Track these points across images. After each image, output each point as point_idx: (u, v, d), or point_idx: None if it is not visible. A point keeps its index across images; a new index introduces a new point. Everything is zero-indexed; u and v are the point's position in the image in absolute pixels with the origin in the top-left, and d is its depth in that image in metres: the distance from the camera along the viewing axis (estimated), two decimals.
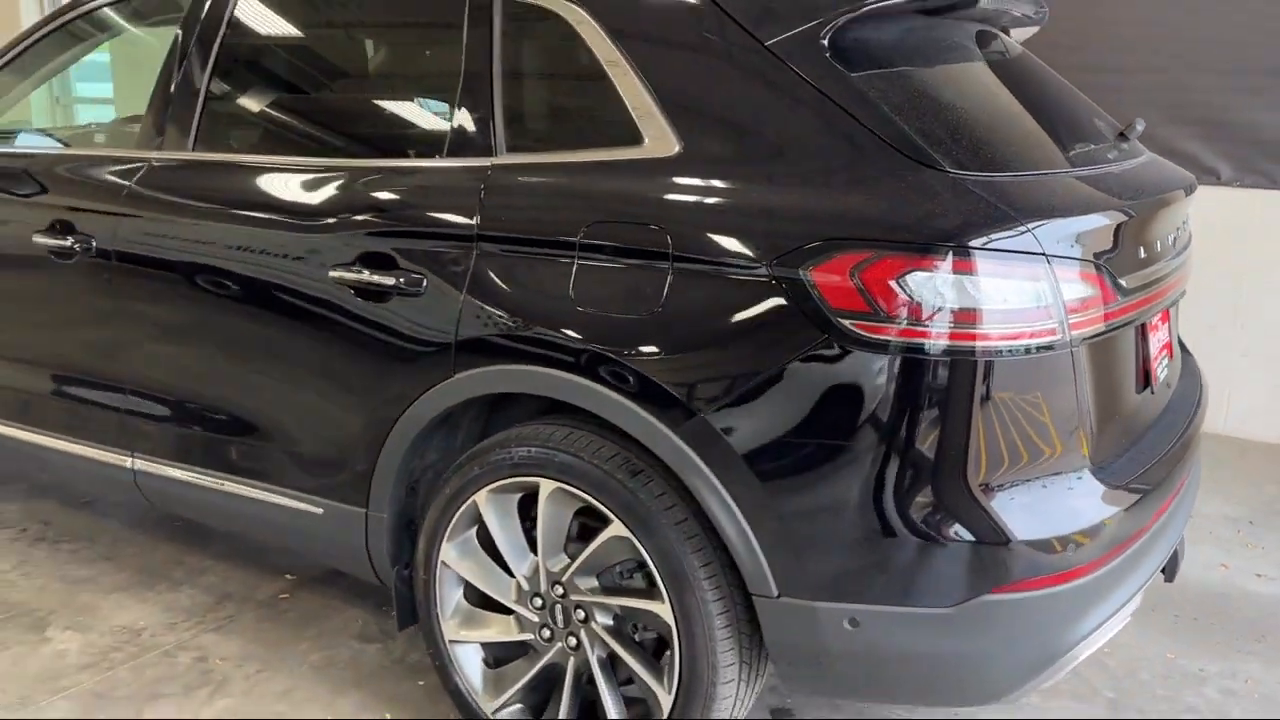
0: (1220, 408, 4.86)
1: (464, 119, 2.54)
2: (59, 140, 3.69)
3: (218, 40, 2.96)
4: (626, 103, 2.35)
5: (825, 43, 2.23)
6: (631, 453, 2.30)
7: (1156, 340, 2.62)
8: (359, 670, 3.03)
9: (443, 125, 2.60)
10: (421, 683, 2.97)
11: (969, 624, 2.09)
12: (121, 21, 3.46)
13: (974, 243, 2.02)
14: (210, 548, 3.75)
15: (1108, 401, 2.30)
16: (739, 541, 2.16)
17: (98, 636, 3.17)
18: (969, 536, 2.07)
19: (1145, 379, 2.54)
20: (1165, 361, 2.73)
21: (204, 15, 3.00)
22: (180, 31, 3.04)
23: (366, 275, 2.54)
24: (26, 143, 3.56)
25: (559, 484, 2.36)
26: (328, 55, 3.11)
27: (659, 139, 2.29)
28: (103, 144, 3.64)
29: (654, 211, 2.23)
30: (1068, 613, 2.16)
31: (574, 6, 2.46)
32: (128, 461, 3.15)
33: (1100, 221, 2.23)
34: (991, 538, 2.07)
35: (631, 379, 2.21)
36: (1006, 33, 2.90)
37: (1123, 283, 2.25)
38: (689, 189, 2.23)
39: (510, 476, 2.43)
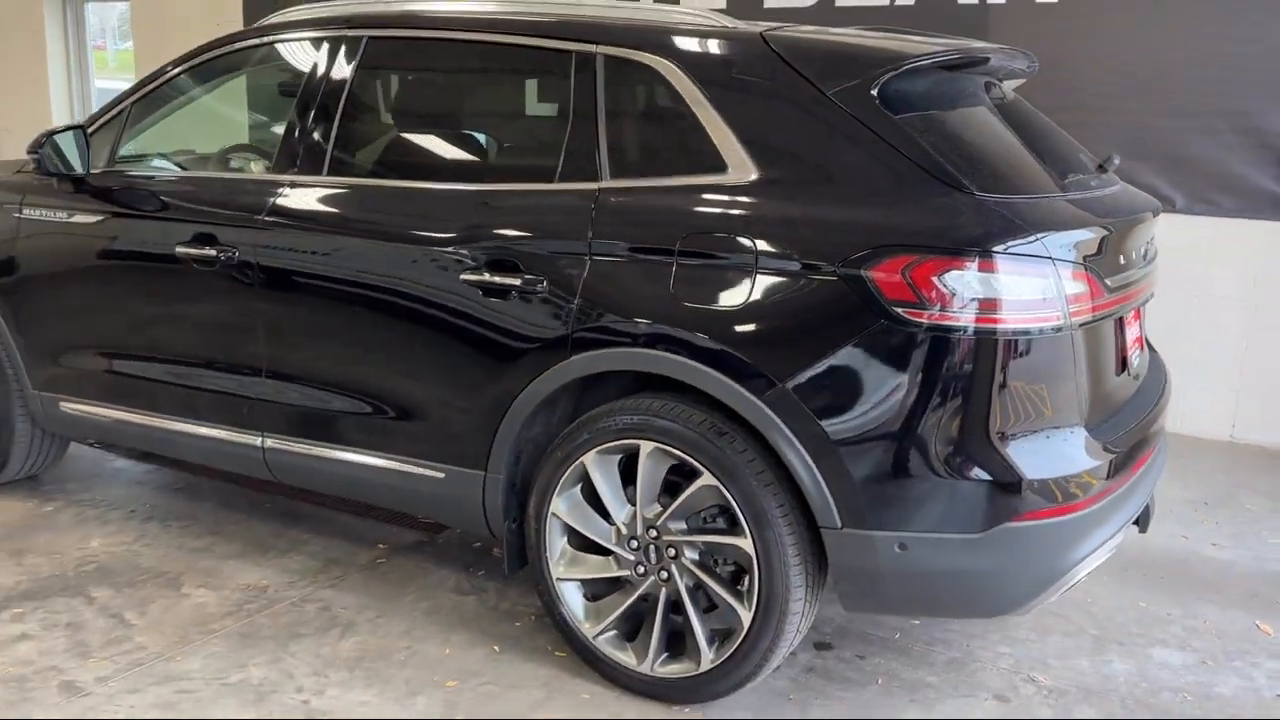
0: (1176, 409, 5.48)
1: (574, 151, 3.11)
2: (176, 164, 4.19)
3: (349, 80, 3.51)
4: (711, 138, 2.93)
5: (875, 92, 2.83)
6: (717, 418, 2.86)
7: (1131, 333, 3.22)
8: (462, 615, 3.56)
9: (554, 156, 3.15)
10: (518, 624, 3.50)
11: (994, 546, 2.67)
12: (241, 67, 3.99)
13: (996, 248, 2.62)
14: (303, 524, 4.26)
15: (1095, 377, 2.90)
16: (811, 484, 2.73)
17: (229, 592, 3.68)
18: (991, 476, 2.65)
19: (1122, 364, 3.15)
20: (1137, 352, 3.33)
21: (338, 57, 3.54)
22: (313, 70, 3.59)
23: (494, 278, 3.09)
24: (150, 168, 4.07)
25: (658, 445, 2.92)
26: (453, 96, 3.67)
27: (740, 167, 2.88)
28: (227, 169, 4.13)
29: (740, 225, 2.82)
30: (1068, 539, 2.75)
31: (664, 60, 3.05)
32: (258, 440, 3.67)
33: (1090, 234, 2.83)
34: (1007, 477, 2.66)
35: (724, 358, 2.78)
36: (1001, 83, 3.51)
37: (1107, 282, 2.85)
38: (768, 207, 2.81)
39: (615, 440, 2.99)
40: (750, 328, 2.77)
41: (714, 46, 3.05)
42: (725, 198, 2.87)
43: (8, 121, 10.08)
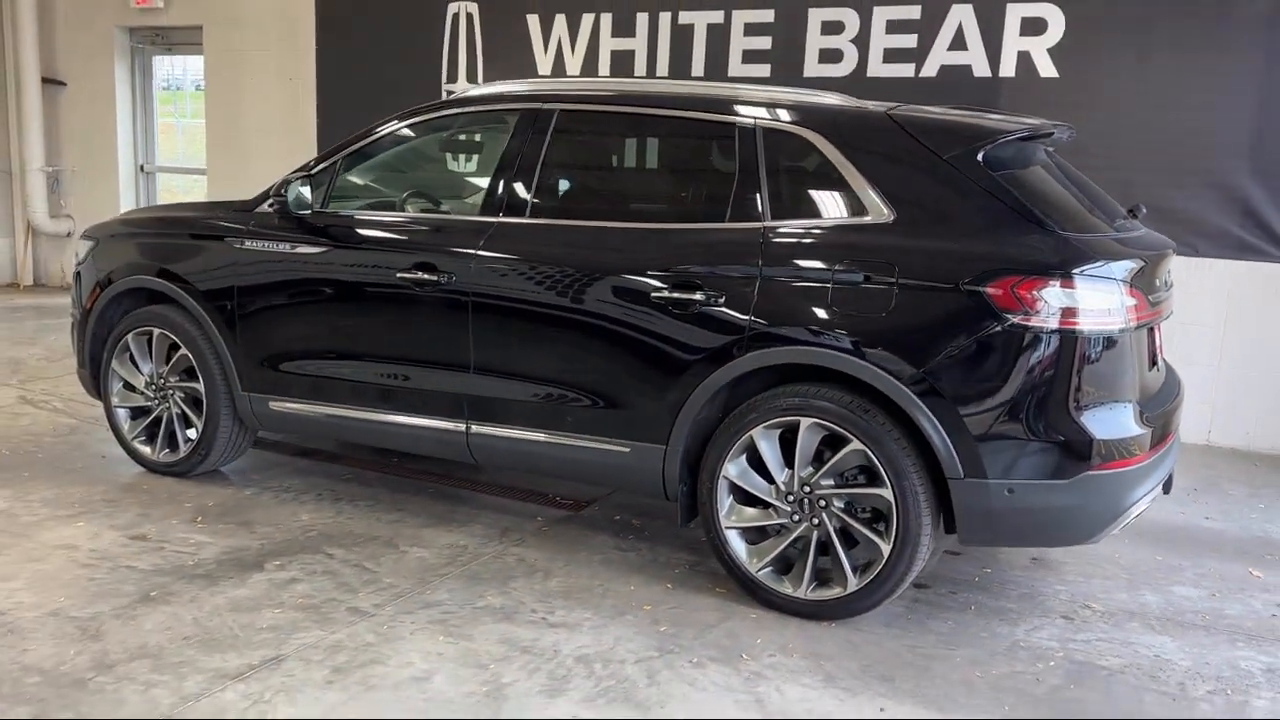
0: None
1: (740, 198, 4.08)
2: (369, 206, 5.08)
3: (545, 142, 4.45)
4: (854, 189, 3.92)
5: (980, 157, 3.84)
6: (861, 398, 3.83)
7: (1156, 340, 4.24)
8: (629, 565, 4.46)
9: (724, 202, 4.12)
10: (676, 571, 4.41)
11: (1078, 490, 3.65)
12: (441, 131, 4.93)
13: (1075, 271, 3.62)
14: (466, 503, 5.14)
15: (1139, 367, 3.90)
16: (940, 445, 3.69)
17: (438, 550, 4.55)
18: (1073, 436, 3.64)
19: (1152, 361, 4.16)
20: (1160, 357, 4.35)
21: (533, 124, 4.49)
22: (512, 134, 4.53)
23: (680, 295, 4.04)
24: (355, 208, 4.97)
25: (815, 420, 3.87)
26: (633, 154, 4.64)
27: (878, 212, 3.87)
28: (405, 211, 5.06)
29: (884, 254, 3.79)
30: (1128, 485, 3.74)
31: (812, 131, 4.04)
32: (462, 427, 4.57)
33: (1136, 263, 3.83)
34: (1084, 437, 3.64)
35: (874, 353, 3.75)
36: None
37: (1150, 299, 3.87)
38: (905, 241, 3.79)
39: (779, 417, 3.94)
40: (894, 330, 3.74)
41: (851, 121, 4.06)
42: (870, 235, 3.86)
43: (74, 163, 10.88)
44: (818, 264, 3.89)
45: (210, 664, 3.50)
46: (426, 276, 4.52)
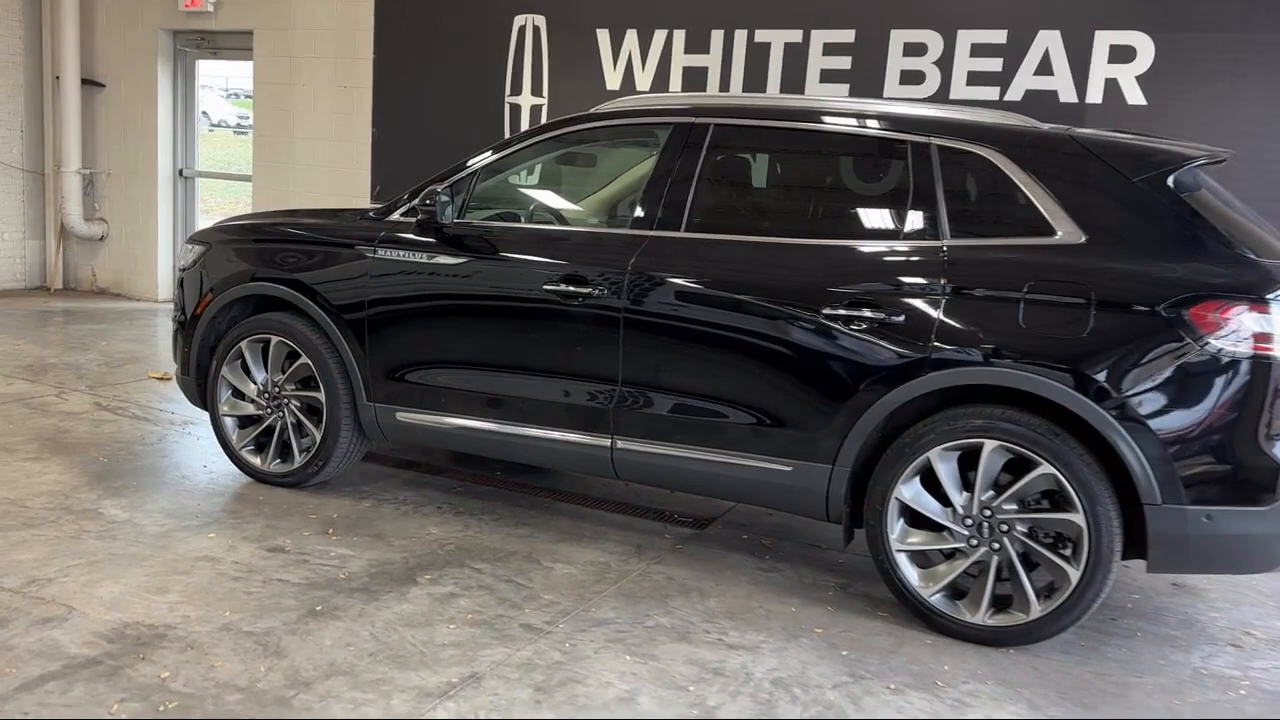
0: None
1: (917, 217, 4.05)
2: (498, 218, 4.99)
3: (701, 157, 4.40)
4: (1040, 210, 3.89)
5: (1170, 181, 3.82)
6: (1050, 421, 3.79)
7: None
8: (779, 587, 4.39)
9: (898, 220, 4.09)
10: (829, 593, 4.35)
11: (1274, 516, 3.63)
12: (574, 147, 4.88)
13: (1269, 296, 3.61)
14: (587, 519, 5.05)
15: None
16: (1139, 470, 3.66)
17: (582, 566, 4.46)
18: (1271, 464, 3.62)
19: None
20: None
21: (687, 139, 4.43)
22: (666, 146, 4.47)
23: (856, 313, 3.99)
24: (492, 219, 4.89)
25: (1000, 442, 3.82)
26: (799, 170, 4.59)
27: (1069, 232, 3.84)
28: (535, 222, 5.00)
29: (1079, 275, 3.76)
30: None
31: (991, 150, 4.01)
32: (607, 442, 4.49)
33: None
34: (1273, 466, 3.62)
35: (1068, 374, 3.71)
36: None
37: None
38: (1100, 262, 3.77)
39: (960, 439, 3.89)
40: (1090, 352, 3.71)
41: (1033, 141, 4.03)
42: (1062, 256, 3.82)
43: (110, 165, 10.70)
44: (1007, 284, 3.86)
45: (408, 682, 3.40)
46: (576, 289, 4.44)
